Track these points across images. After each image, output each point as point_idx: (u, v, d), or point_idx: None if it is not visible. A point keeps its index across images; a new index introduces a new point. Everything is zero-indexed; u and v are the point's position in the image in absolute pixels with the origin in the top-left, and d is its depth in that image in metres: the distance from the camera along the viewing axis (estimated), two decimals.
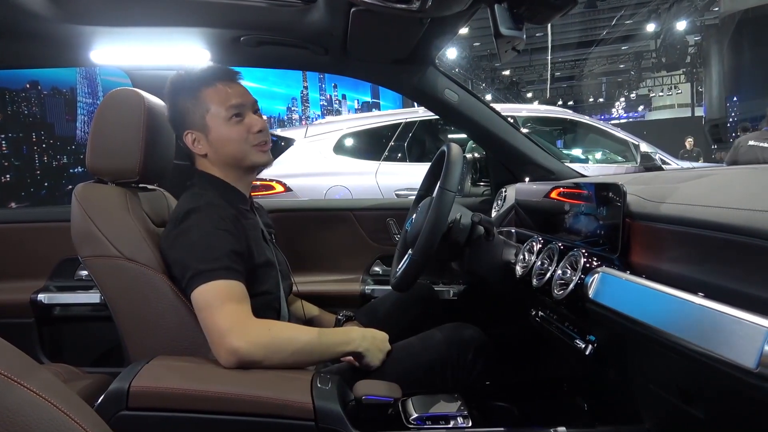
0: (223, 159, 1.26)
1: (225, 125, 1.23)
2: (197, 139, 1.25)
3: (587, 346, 1.03)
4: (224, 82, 1.25)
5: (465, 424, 1.06)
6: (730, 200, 0.78)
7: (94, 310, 1.82)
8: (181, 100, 1.25)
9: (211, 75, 1.25)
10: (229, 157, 1.25)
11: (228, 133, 1.23)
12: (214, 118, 1.23)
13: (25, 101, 6.19)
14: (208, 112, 1.23)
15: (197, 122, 1.24)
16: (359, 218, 2.05)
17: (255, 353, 1.03)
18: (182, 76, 1.26)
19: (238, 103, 1.23)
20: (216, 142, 1.24)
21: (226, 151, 1.25)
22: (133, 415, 0.95)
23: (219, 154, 1.25)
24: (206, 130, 1.24)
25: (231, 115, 1.22)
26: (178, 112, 1.26)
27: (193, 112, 1.24)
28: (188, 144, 1.26)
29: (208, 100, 1.23)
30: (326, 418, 0.97)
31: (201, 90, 1.23)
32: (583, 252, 1.04)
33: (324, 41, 1.53)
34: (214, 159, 1.26)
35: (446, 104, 1.77)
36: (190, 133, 1.25)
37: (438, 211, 1.26)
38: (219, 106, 1.22)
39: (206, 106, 1.23)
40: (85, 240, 1.19)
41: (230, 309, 1.06)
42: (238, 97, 1.24)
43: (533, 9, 1.07)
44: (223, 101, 1.23)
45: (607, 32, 18.70)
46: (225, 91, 1.24)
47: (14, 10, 1.32)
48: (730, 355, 0.63)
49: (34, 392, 0.50)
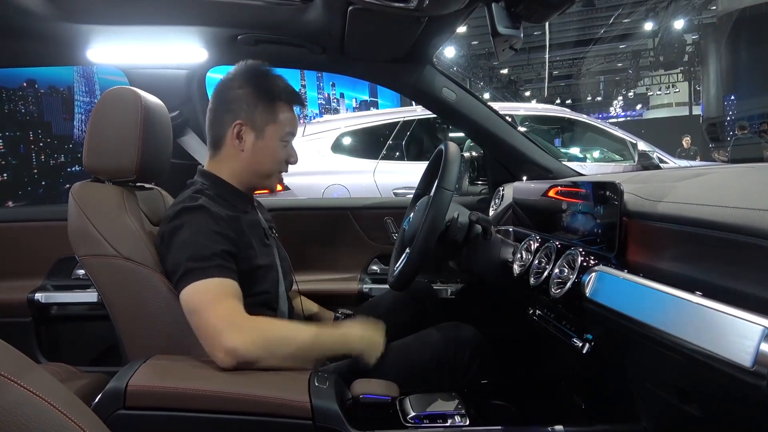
0: (252, 166, 1.27)
1: (277, 142, 1.28)
2: (244, 134, 1.25)
3: (584, 345, 1.03)
4: (295, 107, 1.31)
5: (462, 422, 1.07)
6: (727, 199, 0.78)
7: (92, 310, 1.82)
8: (258, 96, 1.25)
9: (293, 96, 1.30)
10: (259, 168, 1.28)
11: (275, 150, 1.28)
12: (274, 130, 1.27)
13: (22, 100, 6.17)
14: (272, 123, 1.26)
15: (258, 122, 1.25)
16: (357, 217, 2.05)
17: (252, 352, 1.02)
18: (267, 74, 1.28)
19: (294, 132, 1.32)
20: (261, 149, 1.26)
21: (261, 160, 1.27)
22: (131, 414, 0.95)
23: (254, 159, 1.27)
24: (261, 134, 1.26)
25: (286, 139, 1.29)
26: (243, 98, 1.24)
27: (260, 111, 1.25)
28: (230, 132, 1.24)
29: (279, 113, 1.27)
30: (324, 416, 0.97)
31: (280, 101, 1.27)
32: (581, 251, 1.04)
33: (321, 40, 1.53)
34: (244, 160, 1.26)
35: (444, 103, 1.77)
36: (241, 124, 1.24)
37: (436, 209, 1.26)
38: (284, 124, 1.28)
39: (275, 117, 1.26)
40: (82, 239, 1.19)
41: (224, 307, 1.05)
42: (296, 128, 1.32)
43: (530, 8, 1.07)
44: (288, 123, 1.29)
45: (605, 31, 18.71)
46: (293, 116, 1.31)
47: (11, 9, 1.31)
48: (726, 354, 0.63)
49: (31, 391, 0.50)
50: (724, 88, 14.43)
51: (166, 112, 1.34)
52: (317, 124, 4.31)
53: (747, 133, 9.93)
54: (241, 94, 1.25)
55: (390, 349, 1.30)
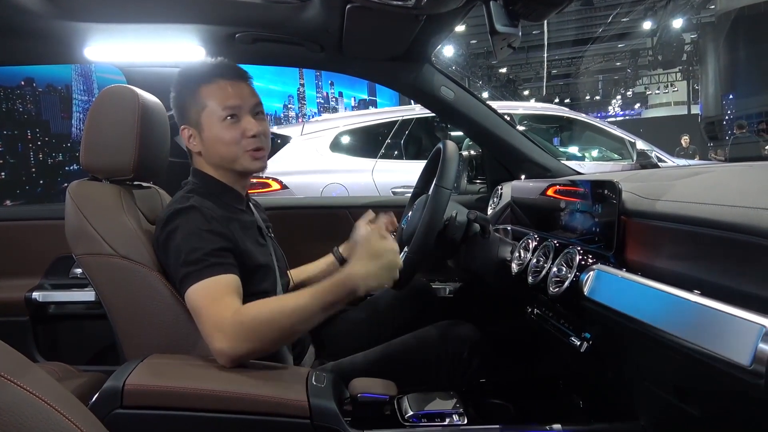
0: (215, 159, 1.24)
1: (218, 125, 1.20)
2: (192, 135, 1.24)
3: (583, 344, 1.03)
4: (226, 79, 1.21)
5: (460, 421, 1.07)
6: (725, 198, 0.78)
7: (89, 309, 1.81)
8: (182, 93, 1.24)
9: (212, 71, 1.22)
10: (220, 159, 1.23)
11: (220, 134, 1.20)
12: (209, 116, 1.20)
13: (20, 98, 6.17)
14: (204, 110, 1.20)
15: (193, 118, 1.22)
16: (356, 216, 2.03)
17: (240, 349, 1.00)
18: (187, 70, 1.26)
19: (235, 104, 1.20)
20: (208, 142, 1.22)
21: (216, 151, 1.22)
22: (128, 413, 0.94)
23: (210, 153, 1.23)
24: (200, 128, 1.22)
25: (225, 116, 1.19)
26: (178, 105, 1.25)
27: (190, 107, 1.22)
28: (185, 139, 1.25)
29: (205, 97, 1.20)
30: (322, 415, 0.96)
31: (200, 86, 1.21)
32: (579, 249, 1.04)
33: (320, 38, 1.53)
34: (207, 158, 1.25)
35: (442, 102, 1.77)
36: (186, 128, 1.24)
37: (434, 208, 1.26)
38: (215, 104, 1.20)
39: (203, 103, 1.20)
40: (79, 238, 1.18)
41: (211, 310, 1.03)
42: (236, 98, 1.20)
43: (529, 6, 1.07)
44: (220, 100, 1.19)
45: (604, 30, 18.71)
46: (224, 89, 1.20)
47: (8, 7, 1.31)
48: (724, 353, 0.63)
49: (28, 391, 0.50)
50: (722, 87, 14.46)
51: (163, 111, 1.34)
52: (316, 123, 4.30)
53: (745, 132, 9.95)
54: (175, 103, 1.26)
55: (388, 348, 1.31)
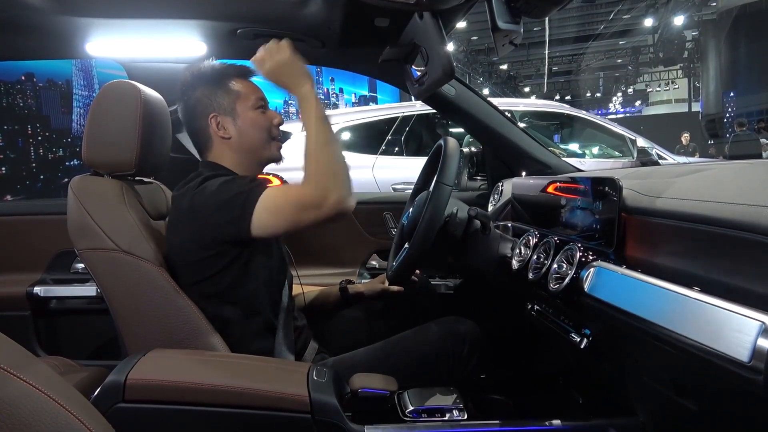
0: (246, 145, 1.29)
1: (253, 112, 1.29)
2: (223, 122, 1.27)
3: (582, 340, 1.04)
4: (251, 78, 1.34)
5: (460, 417, 1.07)
6: (725, 195, 0.78)
7: (91, 303, 1.82)
8: (211, 84, 1.28)
9: (238, 69, 1.32)
10: (252, 144, 1.30)
11: (255, 120, 1.29)
12: (244, 104, 1.29)
13: (20, 93, 6.16)
14: (239, 99, 1.29)
15: (226, 106, 1.28)
16: (356, 212, 2.05)
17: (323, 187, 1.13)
18: (208, 66, 1.31)
19: (264, 97, 1.33)
20: (243, 126, 1.28)
21: (251, 136, 1.29)
22: (130, 407, 0.95)
23: (243, 138, 1.29)
24: (235, 114, 1.28)
25: (258, 105, 1.30)
26: (204, 96, 1.28)
27: (222, 96, 1.28)
28: (212, 127, 1.27)
29: (239, 89, 1.29)
30: (322, 410, 0.97)
31: (232, 79, 1.30)
32: (579, 246, 1.05)
33: (321, 34, 1.52)
34: (237, 144, 1.29)
35: (443, 98, 1.77)
36: (216, 116, 1.27)
37: (435, 205, 1.26)
38: (248, 95, 1.30)
39: (237, 92, 1.29)
40: (81, 233, 1.19)
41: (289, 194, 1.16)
42: (261, 92, 1.33)
43: (530, 2, 1.07)
44: (251, 91, 1.31)
45: (605, 27, 18.68)
46: (251, 85, 1.32)
47: (9, 2, 1.31)
48: (723, 349, 0.64)
49: (30, 384, 0.50)
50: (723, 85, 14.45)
51: (165, 106, 1.34)
52: None
53: (746, 130, 9.93)
54: (199, 96, 1.28)
55: (388, 344, 1.31)
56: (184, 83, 1.30)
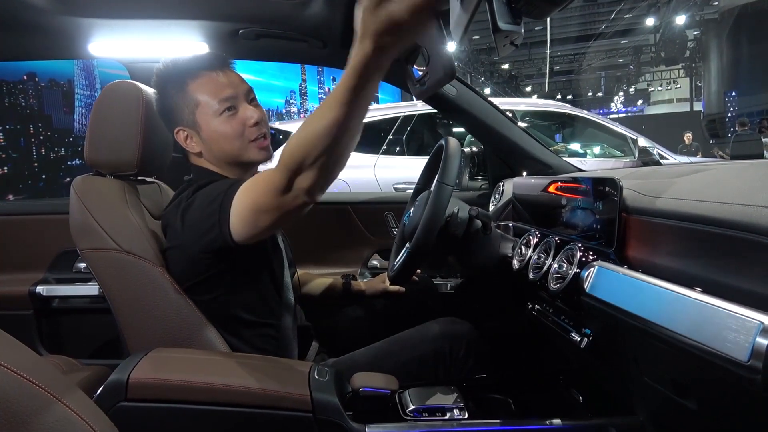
0: (219, 157, 1.17)
1: (217, 120, 1.13)
2: (189, 136, 1.18)
3: (583, 339, 1.04)
4: (212, 70, 1.15)
5: (461, 416, 1.07)
6: (725, 195, 0.79)
7: (93, 303, 1.82)
8: (169, 94, 1.16)
9: (197, 65, 1.15)
10: (225, 155, 1.17)
11: (221, 129, 1.13)
12: (204, 113, 1.13)
13: (22, 93, 6.17)
14: (197, 108, 1.13)
15: (187, 119, 1.15)
16: (357, 212, 2.05)
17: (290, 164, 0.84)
18: (168, 68, 1.17)
19: (230, 95, 1.13)
20: (209, 140, 1.15)
21: (220, 148, 1.15)
22: (132, 406, 0.96)
23: (213, 151, 1.17)
24: (197, 127, 1.15)
25: (223, 109, 1.13)
26: (167, 107, 1.18)
27: (181, 107, 1.15)
28: (181, 141, 1.19)
29: (196, 93, 1.13)
30: (324, 409, 0.97)
31: (187, 83, 1.14)
32: (580, 246, 1.05)
33: (323, 34, 1.53)
34: (210, 157, 1.19)
35: (444, 98, 1.77)
36: (181, 129, 1.18)
37: (436, 204, 1.26)
38: (209, 99, 1.12)
39: (195, 101, 1.13)
40: (83, 232, 1.19)
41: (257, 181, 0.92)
42: (228, 88, 1.14)
43: (531, 3, 1.07)
44: (213, 94, 1.13)
45: (606, 26, 18.64)
46: (214, 82, 1.14)
47: (12, 3, 1.31)
48: (723, 349, 0.64)
49: (34, 383, 0.51)
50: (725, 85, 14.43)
51: None
52: None
53: (747, 130, 9.92)
54: (162, 105, 1.19)
55: (388, 343, 1.31)
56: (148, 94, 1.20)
